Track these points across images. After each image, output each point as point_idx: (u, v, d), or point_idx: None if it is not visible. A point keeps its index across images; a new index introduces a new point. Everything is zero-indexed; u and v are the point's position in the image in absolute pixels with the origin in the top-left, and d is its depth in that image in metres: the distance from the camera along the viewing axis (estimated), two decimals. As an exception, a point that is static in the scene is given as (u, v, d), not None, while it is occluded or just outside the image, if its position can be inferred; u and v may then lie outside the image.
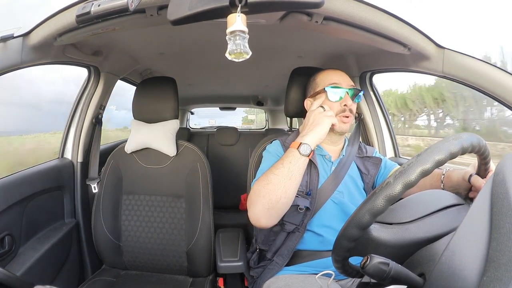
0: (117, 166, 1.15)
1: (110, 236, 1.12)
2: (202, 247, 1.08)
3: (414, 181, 0.40)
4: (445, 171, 0.74)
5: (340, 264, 0.49)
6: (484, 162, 0.56)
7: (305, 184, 0.86)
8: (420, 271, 0.43)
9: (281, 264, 0.86)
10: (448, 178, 0.71)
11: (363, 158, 0.96)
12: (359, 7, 0.66)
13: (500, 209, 0.37)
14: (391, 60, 1.03)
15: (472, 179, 0.62)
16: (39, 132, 4.05)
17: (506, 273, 0.32)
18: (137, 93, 1.15)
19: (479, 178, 0.61)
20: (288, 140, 0.94)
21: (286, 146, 0.92)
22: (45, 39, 0.76)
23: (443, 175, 0.73)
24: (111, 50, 1.16)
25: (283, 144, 0.93)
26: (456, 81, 0.82)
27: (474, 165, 0.65)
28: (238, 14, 0.49)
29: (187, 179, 1.11)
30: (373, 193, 0.42)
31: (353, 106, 0.89)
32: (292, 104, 1.06)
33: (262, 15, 0.75)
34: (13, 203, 0.89)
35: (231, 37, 0.51)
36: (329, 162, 0.92)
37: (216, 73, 1.75)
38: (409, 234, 0.47)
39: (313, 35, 1.02)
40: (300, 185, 0.86)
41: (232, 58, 0.54)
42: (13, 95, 2.99)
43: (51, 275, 1.02)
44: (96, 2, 0.60)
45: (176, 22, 0.51)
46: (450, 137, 0.44)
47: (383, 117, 1.35)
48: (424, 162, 0.40)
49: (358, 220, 0.42)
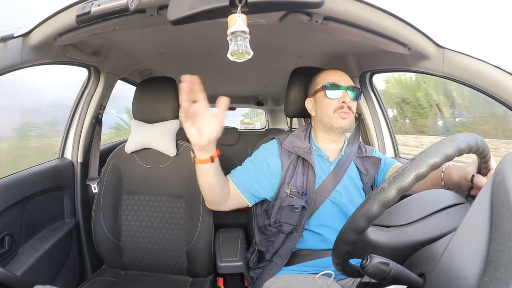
0: (117, 166, 1.15)
1: (110, 236, 1.12)
2: (202, 247, 1.08)
3: (408, 186, 0.40)
4: (445, 168, 0.73)
5: (340, 265, 0.49)
6: (484, 161, 0.55)
7: (301, 185, 0.87)
8: (420, 271, 0.43)
9: (280, 265, 0.86)
10: (449, 175, 0.70)
11: (362, 158, 0.96)
12: (359, 7, 0.66)
13: (500, 209, 0.37)
14: (391, 60, 1.03)
15: (475, 179, 0.60)
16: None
17: (506, 273, 0.32)
18: (137, 93, 1.15)
19: (481, 177, 0.60)
20: (286, 140, 0.94)
21: (283, 146, 0.92)
22: (45, 39, 0.76)
23: (443, 172, 0.73)
24: (111, 50, 1.16)
25: (281, 143, 0.93)
26: (456, 81, 0.82)
27: (475, 161, 0.63)
28: (238, 14, 0.49)
29: (187, 179, 1.11)
30: (368, 198, 0.42)
31: (352, 104, 0.89)
32: (292, 104, 1.06)
33: (262, 15, 0.75)
34: (13, 203, 0.89)
35: (232, 38, 0.51)
36: (327, 162, 0.92)
37: (216, 73, 1.75)
38: (407, 237, 0.47)
39: (313, 35, 1.02)
40: (295, 186, 0.87)
41: (234, 58, 0.54)
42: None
43: (51, 275, 1.02)
44: (96, 2, 0.60)
45: (176, 22, 0.51)
46: (447, 139, 0.44)
47: (383, 117, 1.35)
48: (418, 166, 0.40)
49: (354, 225, 0.42)
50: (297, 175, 0.88)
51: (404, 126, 16.28)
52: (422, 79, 14.07)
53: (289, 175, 0.88)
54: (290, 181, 0.87)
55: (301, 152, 0.89)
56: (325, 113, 0.89)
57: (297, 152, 0.89)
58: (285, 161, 0.89)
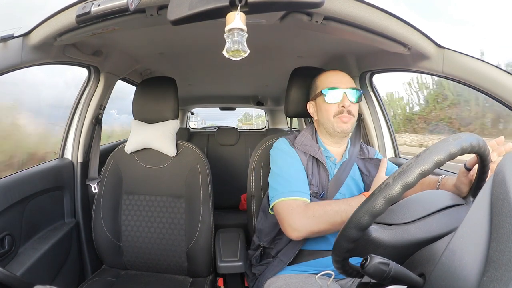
0: (117, 166, 1.15)
1: (110, 236, 1.12)
2: (202, 247, 1.08)
3: (413, 182, 0.40)
4: (441, 179, 0.73)
5: (340, 264, 0.49)
6: (484, 161, 0.55)
7: (317, 185, 0.86)
8: (420, 271, 0.43)
9: (285, 262, 0.86)
10: (444, 186, 0.71)
11: (364, 160, 0.96)
12: (359, 7, 0.66)
13: (500, 209, 0.37)
14: (391, 60, 1.03)
15: (468, 160, 0.60)
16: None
17: (506, 273, 0.32)
18: (137, 93, 1.15)
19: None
20: (296, 140, 0.92)
21: (296, 145, 0.90)
22: (45, 39, 0.76)
23: (439, 182, 0.73)
24: (111, 50, 1.16)
25: (292, 143, 0.92)
26: (456, 81, 0.82)
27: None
28: (237, 12, 0.49)
29: (187, 179, 1.11)
30: (372, 194, 0.42)
31: (353, 107, 0.87)
32: (292, 104, 1.06)
33: (262, 15, 0.75)
34: (13, 203, 0.89)
35: (229, 35, 0.51)
36: (333, 164, 0.92)
37: (216, 73, 1.75)
38: (409, 235, 0.46)
39: (313, 35, 1.02)
40: (316, 186, 0.86)
41: (229, 56, 0.53)
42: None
43: (51, 275, 1.02)
44: (96, 2, 0.60)
45: (176, 22, 0.51)
46: (450, 137, 0.44)
47: (383, 117, 1.35)
48: (423, 163, 0.40)
49: (357, 221, 0.42)
50: (314, 175, 0.87)
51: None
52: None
53: (309, 174, 0.87)
54: (311, 181, 0.86)
55: (313, 152, 0.88)
56: (326, 118, 0.88)
57: (310, 152, 0.89)
58: (304, 160, 0.88)
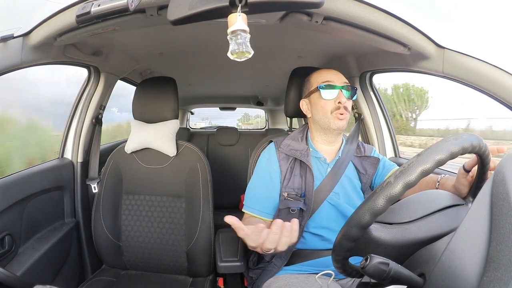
0: (117, 166, 1.15)
1: (110, 236, 1.12)
2: (202, 247, 1.08)
3: (414, 181, 0.40)
4: (440, 179, 0.73)
5: (340, 264, 0.49)
6: (484, 161, 0.56)
7: (299, 187, 0.87)
8: (420, 271, 0.43)
9: (279, 266, 0.86)
10: (443, 186, 0.71)
11: (361, 158, 0.96)
12: (359, 7, 0.66)
13: (500, 209, 0.37)
14: (391, 60, 1.03)
15: (467, 162, 0.60)
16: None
17: (506, 273, 0.32)
18: (137, 93, 1.15)
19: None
20: (283, 143, 0.93)
21: (281, 149, 0.92)
22: (45, 39, 0.76)
23: (438, 182, 0.73)
24: (111, 50, 1.16)
25: (278, 147, 0.93)
26: (456, 81, 0.82)
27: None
28: (238, 13, 0.49)
29: (187, 179, 1.11)
30: (373, 193, 0.42)
31: (348, 104, 0.88)
32: (292, 104, 1.06)
33: (262, 15, 0.75)
34: (13, 203, 0.89)
35: (232, 37, 0.51)
36: (325, 164, 0.91)
37: (216, 73, 1.75)
38: (409, 234, 0.46)
39: (313, 35, 1.02)
40: (292, 188, 0.87)
41: (234, 57, 0.53)
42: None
43: (51, 275, 1.02)
44: (96, 2, 0.60)
45: (176, 22, 0.51)
46: (451, 137, 0.44)
47: (383, 117, 1.35)
48: (424, 162, 0.40)
49: (358, 220, 0.42)
50: (295, 177, 0.88)
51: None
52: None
53: (286, 178, 0.88)
54: (287, 184, 0.88)
55: (298, 155, 0.89)
56: (322, 114, 0.89)
57: (294, 154, 0.89)
58: (284, 165, 0.90)
